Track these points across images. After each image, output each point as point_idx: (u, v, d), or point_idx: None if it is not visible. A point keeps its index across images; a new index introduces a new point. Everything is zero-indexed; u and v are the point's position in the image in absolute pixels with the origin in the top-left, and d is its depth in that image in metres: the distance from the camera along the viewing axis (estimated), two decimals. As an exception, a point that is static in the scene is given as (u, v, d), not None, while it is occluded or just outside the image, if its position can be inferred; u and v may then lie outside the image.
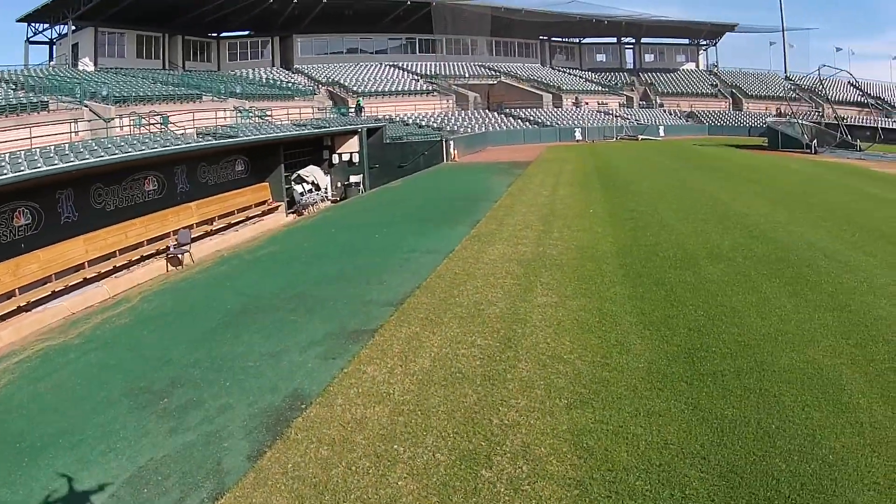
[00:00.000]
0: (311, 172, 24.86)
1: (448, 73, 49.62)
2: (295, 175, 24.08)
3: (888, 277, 8.65)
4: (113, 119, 20.86)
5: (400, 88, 44.04)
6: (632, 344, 6.14)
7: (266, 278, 9.72)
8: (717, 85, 59.57)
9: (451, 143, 31.09)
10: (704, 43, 64.71)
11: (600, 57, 62.76)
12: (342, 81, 43.24)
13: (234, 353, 6.40)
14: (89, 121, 20.57)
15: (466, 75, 50.59)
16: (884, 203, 16.16)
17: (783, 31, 64.96)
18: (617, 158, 29.60)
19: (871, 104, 52.05)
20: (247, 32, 45.61)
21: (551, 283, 8.29)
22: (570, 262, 9.35)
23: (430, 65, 50.24)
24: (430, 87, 45.53)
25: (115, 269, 14.41)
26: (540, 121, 45.37)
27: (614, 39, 61.81)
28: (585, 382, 5.29)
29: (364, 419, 4.85)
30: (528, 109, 46.85)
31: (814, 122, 41.74)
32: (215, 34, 43.79)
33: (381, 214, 16.10)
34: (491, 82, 51.35)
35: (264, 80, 39.62)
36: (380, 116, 35.82)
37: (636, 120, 49.81)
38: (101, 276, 13.84)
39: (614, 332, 6.41)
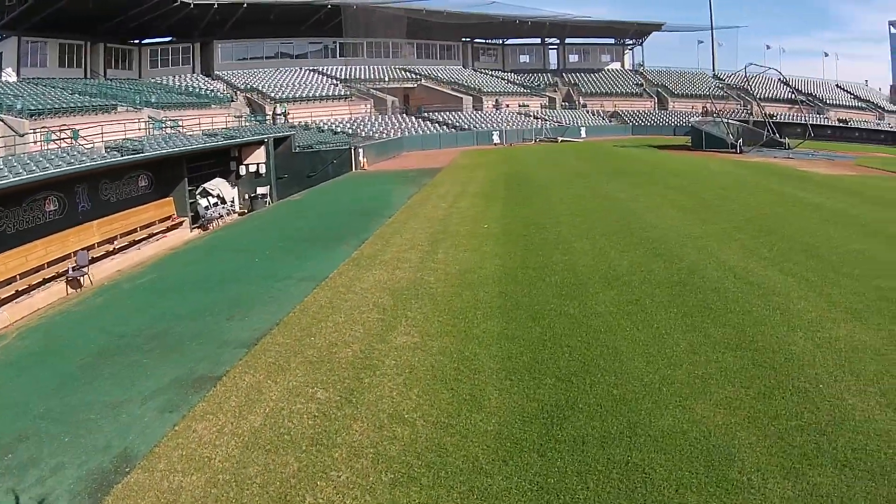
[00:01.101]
0: (217, 185, 28.35)
1: (367, 76, 58.72)
2: (200, 188, 27.51)
3: (807, 302, 9.55)
4: (27, 133, 24.37)
5: (318, 94, 51.96)
6: (486, 399, 6.51)
7: (135, 313, 10.84)
8: (642, 84, 70.07)
9: (361, 150, 35.38)
10: (630, 42, 76.25)
11: (524, 58, 73.63)
12: (260, 88, 50.63)
13: (83, 403, 7.19)
14: (2, 136, 23.92)
15: (386, 79, 59.52)
16: (808, 209, 18.49)
17: (712, 29, 78.04)
18: (530, 163, 34.00)
19: (802, 101, 61.10)
20: (168, 39, 52.33)
21: (417, 318, 9.10)
22: (446, 290, 10.33)
23: (351, 69, 59.17)
24: (349, 92, 53.82)
25: (17, 294, 16.48)
26: (458, 124, 52.95)
27: (539, 40, 73.04)
28: (420, 451, 5.63)
29: (180, 489, 5.34)
30: (447, 113, 54.60)
31: (741, 121, 48.07)
32: (137, 41, 50.43)
33: (270, 233, 18.33)
34: (411, 85, 60.44)
35: (182, 88, 46.48)
36: (297, 123, 43.26)
37: (557, 121, 58.42)
38: (1, 303, 15.79)
39: (470, 383, 6.86)
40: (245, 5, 49.41)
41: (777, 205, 19.08)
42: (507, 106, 59.50)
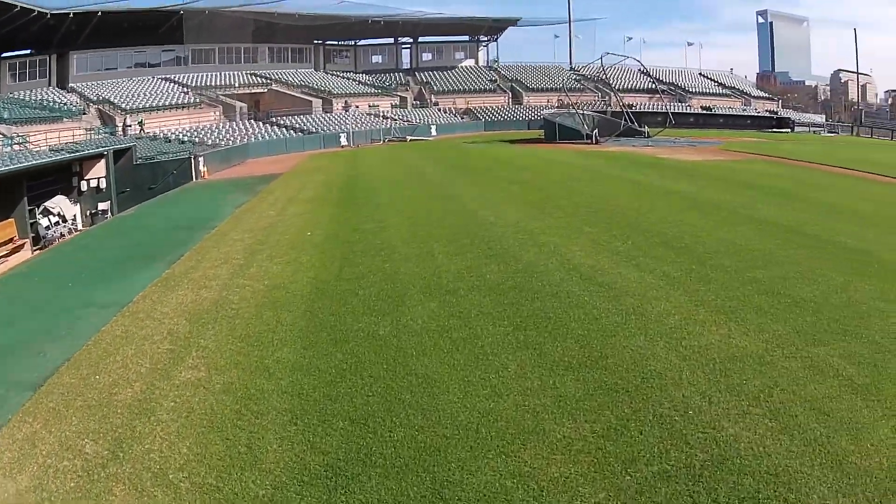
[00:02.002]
0: (58, 203, 30.99)
1: (219, 83, 67.44)
2: (42, 207, 29.96)
3: (669, 302, 9.80)
4: None
5: (167, 103, 59.47)
6: (264, 451, 6.39)
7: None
8: (496, 80, 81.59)
9: (201, 159, 39.69)
10: (485, 39, 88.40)
11: (376, 58, 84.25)
12: (112, 99, 57.48)
13: None
14: None
15: (236, 84, 68.46)
16: (669, 197, 20.17)
17: (570, 22, 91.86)
18: (372, 165, 38.03)
19: (663, 90, 71.30)
20: (28, 52, 58.58)
21: (210, 347, 9.29)
22: (248, 311, 10.75)
23: (203, 76, 68.04)
24: (198, 99, 61.75)
25: None
26: (306, 128, 61.65)
27: (392, 40, 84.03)
28: (176, 527, 5.51)
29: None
30: (296, 117, 63.65)
31: (598, 112, 54.44)
32: (-3, 55, 55.86)
33: (89, 254, 19.10)
34: (261, 90, 69.70)
35: (36, 102, 52.55)
36: (144, 133, 50.39)
37: (408, 120, 67.70)
38: None
39: (249, 431, 6.79)
40: (99, 14, 56.06)
41: (634, 194, 20.52)
42: (357, 107, 68.29)
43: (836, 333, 8.28)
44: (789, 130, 62.06)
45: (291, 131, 59.51)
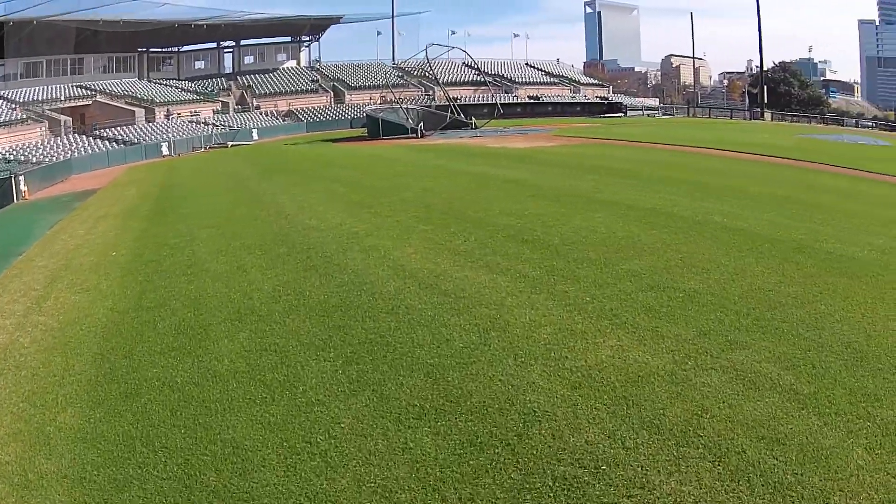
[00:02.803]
0: None
1: (45, 97, 66.20)
2: None
3: (534, 311, 8.91)
4: None
5: None
6: None
7: None
8: (318, 80, 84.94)
9: (21, 178, 38.34)
10: (307, 39, 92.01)
11: (199, 64, 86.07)
12: None
13: None
14: None
15: (62, 98, 67.41)
16: (507, 186, 19.91)
17: (392, 17, 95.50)
18: (189, 173, 37.91)
19: (490, 82, 75.49)
20: None
21: None
22: (37, 357, 9.77)
23: (30, 90, 66.60)
24: (25, 116, 60.37)
25: None
26: (127, 139, 61.31)
27: (214, 45, 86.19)
28: None
29: None
30: (119, 128, 63.46)
31: (423, 106, 56.48)
32: None
33: None
34: (86, 103, 69.04)
35: None
36: None
37: (229, 126, 69.66)
38: None
39: None
40: None
41: (469, 186, 20.53)
42: (179, 115, 69.82)
43: (752, 331, 7.53)
44: (622, 115, 65.96)
45: (114, 143, 59.20)
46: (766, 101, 70.10)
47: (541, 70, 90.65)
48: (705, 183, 18.57)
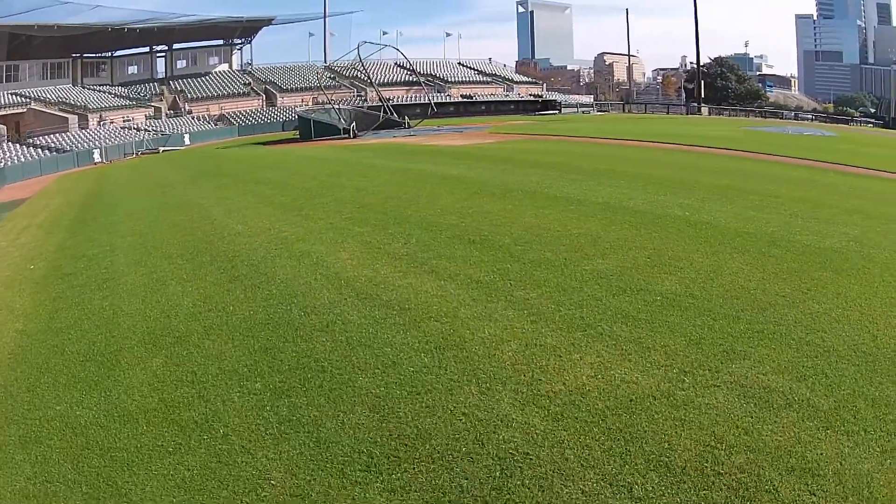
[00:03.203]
0: None
1: None
2: None
3: (493, 323, 7.87)
4: None
5: None
6: None
7: None
8: (250, 84, 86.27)
9: None
10: (239, 42, 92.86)
11: (133, 69, 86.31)
12: None
13: None
14: None
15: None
16: (446, 183, 18.94)
17: (325, 17, 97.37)
18: (118, 180, 37.63)
19: (423, 82, 77.48)
20: None
21: None
22: None
23: None
24: None
25: None
26: (60, 147, 61.37)
27: (147, 49, 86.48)
28: None
29: None
30: (53, 136, 63.30)
31: (356, 107, 56.71)
32: None
33: None
34: (21, 111, 68.81)
35: None
36: None
37: (161, 131, 70.24)
38: None
39: None
40: None
41: (407, 184, 19.82)
42: (112, 121, 70.38)
43: (747, 338, 6.73)
44: (556, 112, 66.45)
45: (46, 151, 59.45)
46: (703, 96, 70.94)
47: (473, 69, 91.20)
48: (656, 176, 17.95)
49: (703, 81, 73.10)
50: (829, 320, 7.24)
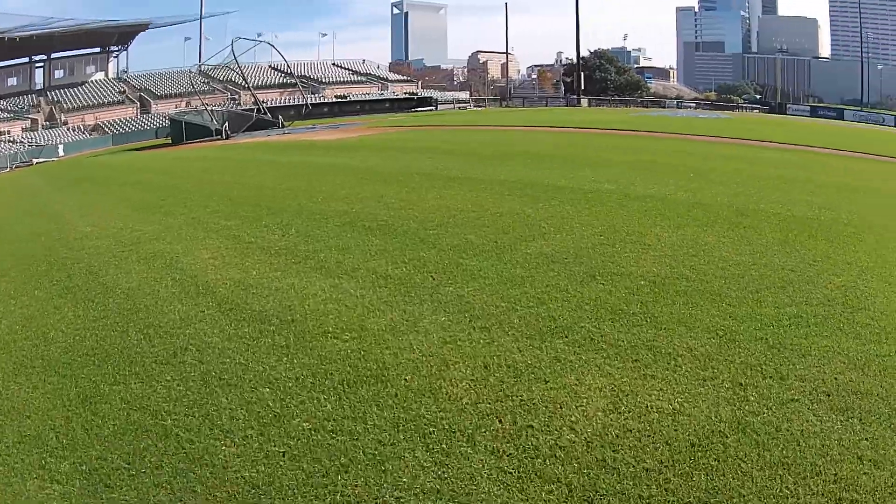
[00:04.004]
0: None
1: None
2: None
3: (423, 339, 5.38)
4: None
5: None
6: None
7: None
8: (125, 91, 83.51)
9: None
10: (116, 49, 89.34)
11: (12, 81, 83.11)
12: None
13: None
14: None
15: None
16: (329, 172, 16.85)
17: (200, 19, 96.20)
18: None
19: (299, 84, 75.47)
20: None
21: None
22: None
23: None
24: None
25: None
26: None
27: (27, 59, 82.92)
28: None
29: None
30: None
31: (228, 109, 55.25)
32: None
33: None
34: None
35: None
36: None
37: (36, 143, 66.56)
38: None
39: None
40: None
41: (283, 175, 17.31)
42: None
43: (790, 328, 5.13)
44: (433, 108, 65.65)
45: None
46: (583, 88, 70.68)
47: (348, 69, 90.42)
48: (561, 155, 16.41)
49: (582, 73, 73.07)
50: (865, 295, 5.85)
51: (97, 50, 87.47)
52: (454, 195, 11.13)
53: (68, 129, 73.97)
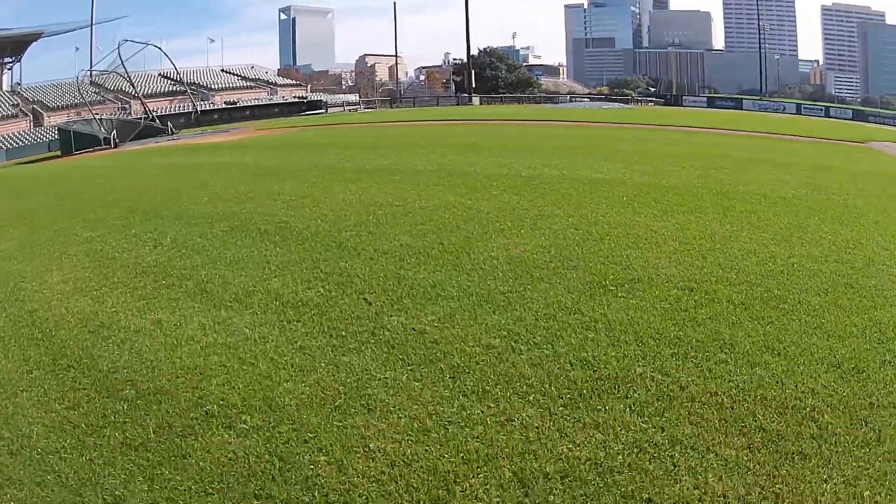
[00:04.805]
0: None
1: None
2: None
3: (407, 403, 3.69)
4: None
5: None
6: None
7: None
8: (18, 104, 79.41)
9: None
10: (10, 61, 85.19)
11: None
12: None
13: None
14: None
15: None
16: (219, 171, 14.57)
17: (91, 26, 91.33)
18: None
19: (188, 90, 73.57)
20: None
21: None
22: None
23: None
24: None
25: None
26: None
27: None
28: None
29: None
30: None
31: (117, 118, 52.80)
32: None
33: None
34: None
35: None
36: None
37: None
38: None
39: None
40: None
41: (165, 177, 15.03)
42: None
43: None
44: (323, 112, 65.19)
45: None
46: (473, 86, 70.26)
47: (237, 75, 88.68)
48: (479, 144, 14.91)
49: (472, 72, 72.84)
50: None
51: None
52: (367, 188, 9.38)
53: (-37, 148, 73.96)
